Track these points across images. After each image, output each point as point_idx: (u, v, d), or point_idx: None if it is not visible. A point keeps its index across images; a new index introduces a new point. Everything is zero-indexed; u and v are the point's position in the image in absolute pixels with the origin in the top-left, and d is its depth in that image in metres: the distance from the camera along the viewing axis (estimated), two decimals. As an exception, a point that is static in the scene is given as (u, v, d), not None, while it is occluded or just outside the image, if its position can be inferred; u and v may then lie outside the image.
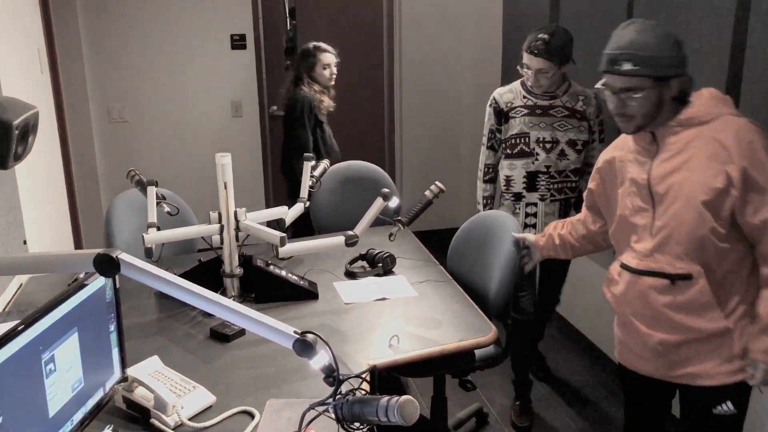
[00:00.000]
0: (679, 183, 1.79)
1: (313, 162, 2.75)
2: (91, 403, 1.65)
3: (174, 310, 2.28)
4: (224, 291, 2.34)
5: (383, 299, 2.39)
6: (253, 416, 1.67)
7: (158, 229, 2.35)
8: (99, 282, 1.67)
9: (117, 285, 1.74)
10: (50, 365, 1.47)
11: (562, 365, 3.54)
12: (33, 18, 3.56)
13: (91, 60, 4.45)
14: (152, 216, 2.39)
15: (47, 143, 3.55)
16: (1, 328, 1.40)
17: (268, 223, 2.41)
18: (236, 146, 4.69)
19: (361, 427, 1.37)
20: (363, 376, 1.55)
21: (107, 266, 1.35)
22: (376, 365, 1.90)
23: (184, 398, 1.69)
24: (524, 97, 2.82)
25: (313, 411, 1.43)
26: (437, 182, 2.54)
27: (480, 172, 3.01)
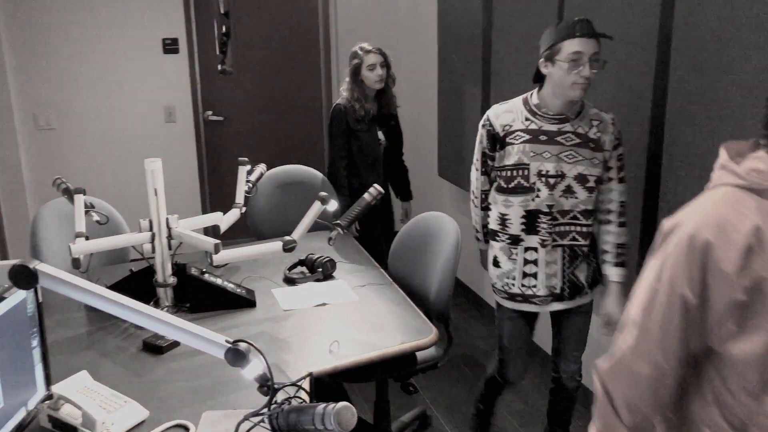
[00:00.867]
0: None
1: (248, 167, 2.70)
2: (12, 424, 1.56)
3: (104, 323, 2.19)
4: (158, 301, 2.27)
5: (323, 305, 2.36)
6: (188, 429, 1.63)
7: (87, 239, 2.26)
8: (19, 295, 1.58)
9: (40, 298, 1.66)
10: (-35, 386, 1.39)
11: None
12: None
13: (15, 66, 4.29)
14: (80, 225, 2.33)
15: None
16: None
17: (205, 230, 2.35)
18: (170, 152, 4.60)
19: (299, 437, 1.34)
20: (299, 384, 1.52)
21: (24, 278, 1.28)
22: (313, 372, 1.86)
23: (115, 414, 1.63)
24: (526, 119, 2.27)
25: (248, 422, 1.39)
26: (376, 185, 2.54)
27: (476, 199, 2.49)
